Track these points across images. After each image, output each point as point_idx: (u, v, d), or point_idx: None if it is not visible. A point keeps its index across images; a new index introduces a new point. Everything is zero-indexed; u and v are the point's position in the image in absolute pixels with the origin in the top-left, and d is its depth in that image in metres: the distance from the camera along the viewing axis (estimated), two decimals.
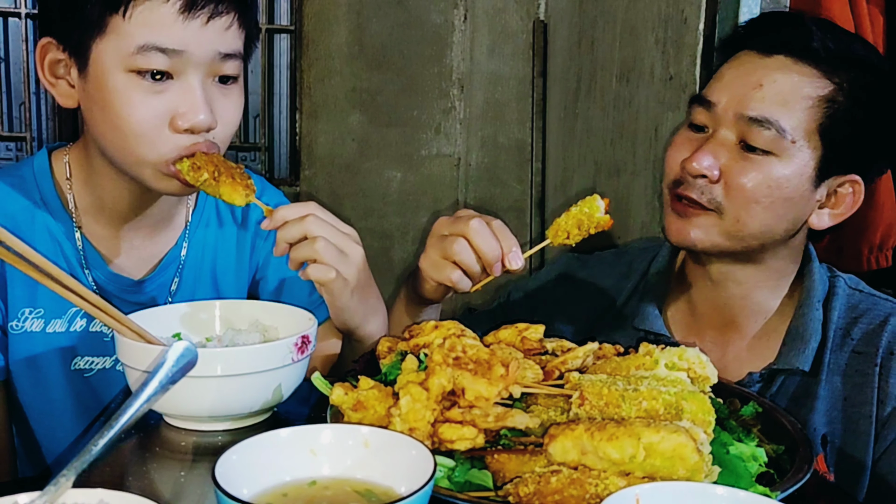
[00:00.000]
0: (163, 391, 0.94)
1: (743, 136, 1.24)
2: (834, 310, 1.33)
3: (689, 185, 1.27)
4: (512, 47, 3.28)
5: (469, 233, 1.18)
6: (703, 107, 1.29)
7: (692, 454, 0.78)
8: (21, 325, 1.30)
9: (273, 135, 3.34)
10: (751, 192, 1.23)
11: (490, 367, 0.93)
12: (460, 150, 3.35)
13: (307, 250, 1.18)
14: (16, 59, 3.09)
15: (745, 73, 1.26)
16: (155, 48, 1.14)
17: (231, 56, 1.21)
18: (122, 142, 1.19)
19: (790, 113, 1.22)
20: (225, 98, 1.23)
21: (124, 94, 1.16)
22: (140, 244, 1.38)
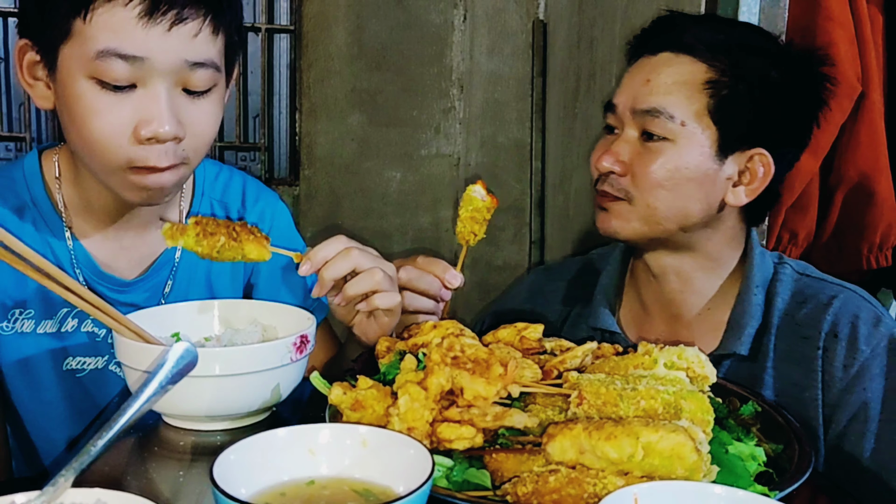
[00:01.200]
0: (162, 392, 0.94)
1: (642, 128, 1.34)
2: (777, 295, 1.37)
3: (603, 181, 1.37)
4: (511, 47, 3.28)
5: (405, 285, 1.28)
6: (609, 111, 1.40)
7: (691, 453, 0.78)
8: (11, 327, 1.29)
9: (273, 135, 3.34)
10: (654, 178, 1.31)
11: (488, 367, 0.92)
12: (460, 149, 3.35)
13: (367, 283, 1.18)
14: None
15: (636, 74, 1.37)
16: (115, 54, 1.10)
17: (201, 65, 1.15)
18: (86, 148, 1.16)
19: (675, 99, 1.31)
20: (196, 108, 1.17)
21: (85, 101, 1.12)
22: (131, 244, 1.36)
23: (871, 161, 2.04)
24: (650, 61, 1.36)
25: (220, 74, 1.20)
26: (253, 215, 1.48)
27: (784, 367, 1.33)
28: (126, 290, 1.35)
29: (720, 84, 1.30)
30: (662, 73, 1.33)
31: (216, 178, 1.48)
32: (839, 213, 2.09)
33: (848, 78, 1.97)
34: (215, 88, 1.20)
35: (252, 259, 1.15)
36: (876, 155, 2.05)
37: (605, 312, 1.47)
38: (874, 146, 2.03)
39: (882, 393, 1.26)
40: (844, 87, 1.98)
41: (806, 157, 2.02)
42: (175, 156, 1.16)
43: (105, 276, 1.33)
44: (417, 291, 1.29)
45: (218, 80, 1.20)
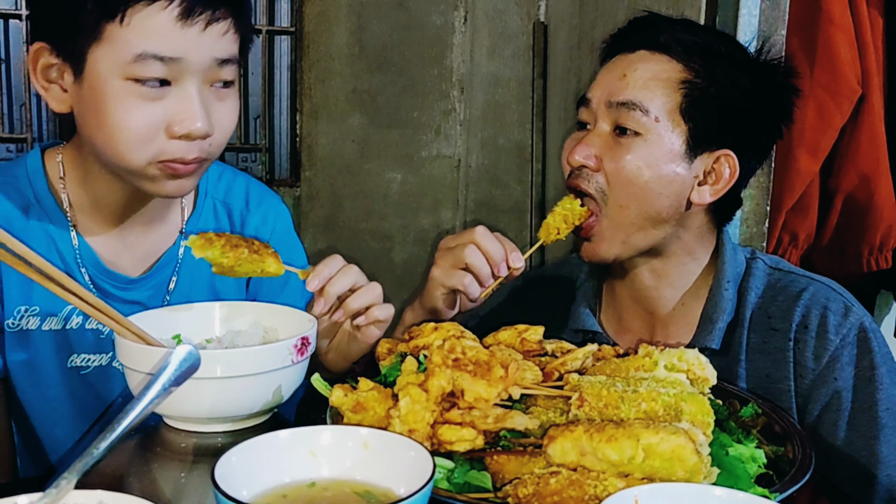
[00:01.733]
0: (165, 394, 0.94)
1: (615, 122, 1.34)
2: (750, 290, 1.38)
3: (577, 176, 1.37)
4: (512, 49, 3.28)
5: (476, 238, 1.30)
6: (583, 105, 1.41)
7: (691, 455, 0.78)
8: (17, 324, 1.30)
9: (273, 136, 3.34)
10: (625, 172, 1.32)
11: (489, 369, 0.93)
12: (460, 151, 3.35)
13: (368, 296, 1.24)
14: (16, 61, 3.09)
15: (612, 69, 1.39)
16: (153, 56, 1.13)
17: (228, 61, 1.20)
18: (114, 146, 1.18)
19: (651, 94, 1.32)
20: (221, 103, 1.22)
21: (121, 101, 1.14)
22: (135, 242, 1.37)
23: (871, 163, 2.05)
24: (627, 58, 1.38)
25: (237, 70, 1.24)
26: (256, 217, 1.49)
27: (756, 359, 1.35)
28: (130, 287, 1.36)
29: (694, 84, 1.32)
30: (639, 69, 1.34)
31: (219, 178, 1.49)
32: (839, 215, 2.09)
33: (848, 80, 1.98)
34: (234, 84, 1.25)
35: (269, 274, 1.18)
36: (876, 157, 2.05)
37: (586, 314, 1.48)
38: (874, 148, 2.04)
39: (853, 381, 1.28)
40: (844, 90, 1.98)
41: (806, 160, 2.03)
42: (201, 150, 1.20)
43: (110, 274, 1.34)
44: (481, 249, 1.30)
45: (236, 76, 1.25)
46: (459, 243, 1.32)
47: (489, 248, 1.30)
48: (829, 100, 1.98)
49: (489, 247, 1.30)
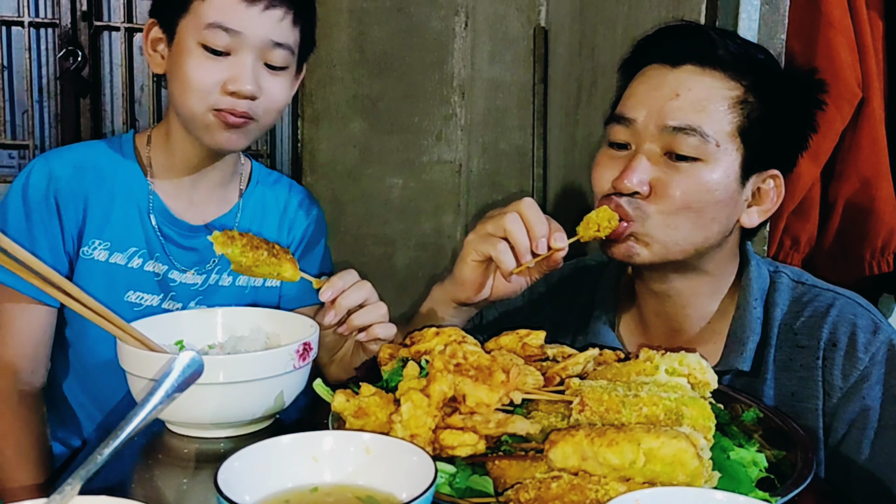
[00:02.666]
0: (169, 400, 0.95)
1: (668, 147, 1.26)
2: (776, 305, 1.34)
3: (618, 203, 1.28)
4: (513, 54, 3.29)
5: (522, 207, 1.24)
6: (621, 124, 1.31)
7: (692, 460, 0.78)
8: (90, 252, 1.51)
9: (275, 141, 3.35)
10: (682, 201, 1.25)
11: (491, 374, 0.93)
12: (461, 156, 3.36)
13: (373, 315, 1.29)
14: (19, 67, 3.10)
15: (658, 86, 1.29)
16: (220, 27, 1.39)
17: (281, 45, 1.44)
18: (184, 95, 1.43)
19: (709, 117, 1.25)
20: (271, 79, 1.46)
21: (193, 60, 1.41)
22: (200, 201, 1.60)
23: (872, 166, 2.04)
24: (673, 74, 1.29)
25: (293, 58, 1.49)
26: (295, 201, 1.72)
27: (782, 377, 1.31)
28: (190, 234, 1.57)
29: (749, 104, 1.26)
30: (693, 89, 1.26)
31: (269, 174, 1.75)
32: (840, 218, 2.09)
33: (848, 84, 1.98)
34: (287, 70, 1.49)
35: (285, 278, 1.25)
36: (877, 160, 2.05)
37: (605, 328, 1.44)
38: (875, 152, 2.03)
39: (881, 400, 1.25)
40: (845, 94, 1.98)
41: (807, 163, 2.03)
42: (249, 108, 1.43)
43: (175, 221, 1.57)
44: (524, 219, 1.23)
45: (290, 63, 1.49)
46: (504, 212, 1.25)
47: (533, 220, 1.22)
48: (830, 103, 1.97)
49: (533, 219, 1.22)
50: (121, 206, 1.53)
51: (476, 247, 1.27)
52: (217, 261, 1.60)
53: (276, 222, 1.69)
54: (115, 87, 3.18)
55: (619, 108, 1.34)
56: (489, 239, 1.25)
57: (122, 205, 1.53)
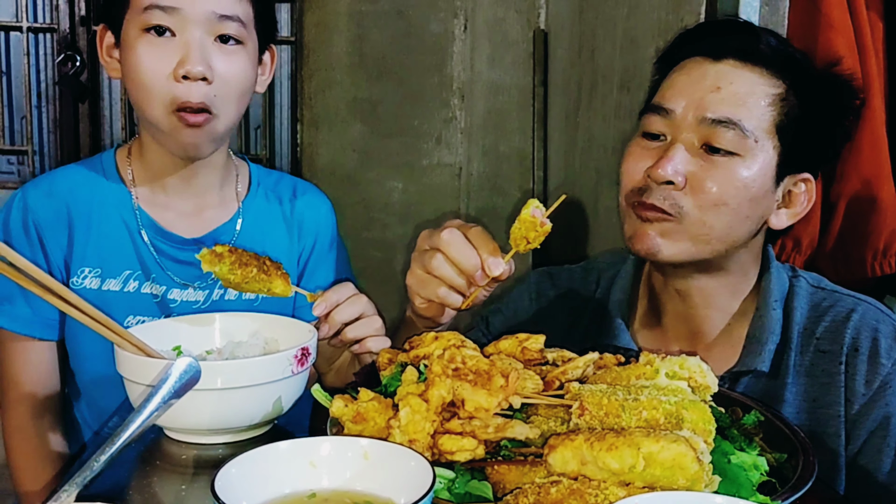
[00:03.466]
0: (166, 406, 0.94)
1: (706, 139, 1.25)
2: (796, 309, 1.34)
3: (652, 193, 1.26)
4: (512, 57, 3.29)
5: (442, 246, 1.18)
6: (658, 115, 1.30)
7: (692, 464, 0.78)
8: (80, 282, 1.44)
9: (274, 145, 3.35)
10: (718, 195, 1.24)
11: (490, 378, 0.92)
12: (461, 159, 3.36)
13: (366, 329, 1.29)
14: (17, 73, 3.11)
15: (699, 78, 1.28)
16: (155, 6, 1.33)
17: (228, 17, 1.36)
18: (139, 95, 1.37)
19: (749, 112, 1.24)
20: (225, 57, 1.37)
21: (137, 51, 1.35)
22: (191, 212, 1.52)
23: (874, 167, 2.04)
24: (715, 67, 1.27)
25: (246, 33, 1.40)
26: (302, 202, 1.64)
27: (803, 382, 1.30)
28: (187, 248, 1.49)
29: (789, 102, 1.26)
30: (735, 83, 1.25)
31: (269, 174, 1.67)
32: (842, 220, 2.08)
33: None
34: (244, 47, 1.40)
35: (276, 294, 1.24)
36: (878, 161, 2.04)
37: (621, 328, 1.42)
38: (876, 153, 2.03)
39: None
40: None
41: None
42: (206, 97, 1.35)
43: (168, 235, 1.48)
44: (450, 259, 1.17)
45: (245, 39, 1.40)
46: (430, 247, 1.20)
47: (457, 256, 1.16)
48: None
49: (458, 255, 1.16)
50: (107, 228, 1.46)
51: (417, 291, 1.24)
52: None
53: (282, 229, 1.61)
54: (114, 92, 3.19)
55: (656, 98, 1.32)
56: (426, 282, 1.21)
57: (109, 227, 1.46)
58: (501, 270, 1.16)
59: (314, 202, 1.67)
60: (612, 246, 2.50)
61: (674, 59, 1.36)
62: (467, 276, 1.17)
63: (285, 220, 1.61)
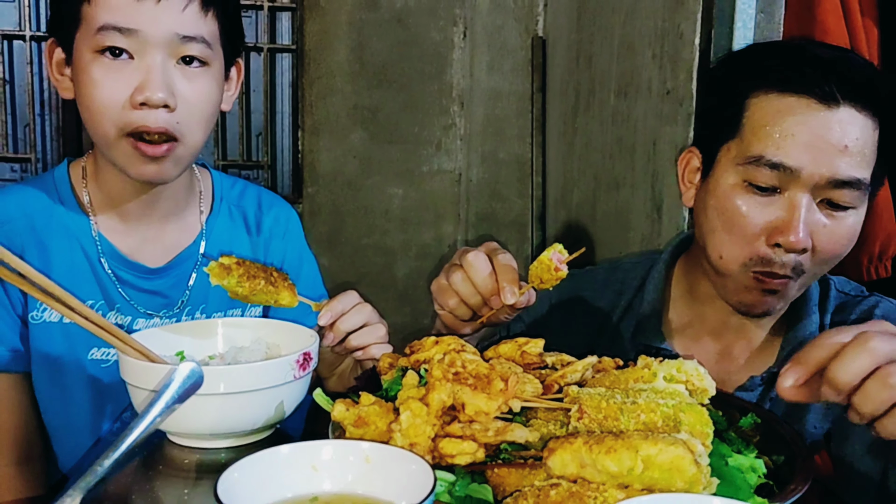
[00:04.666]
0: (169, 411, 0.95)
1: (827, 196, 1.19)
2: (827, 312, 1.36)
3: (783, 263, 1.21)
4: (511, 63, 3.31)
5: (465, 265, 1.20)
6: (775, 171, 1.19)
7: (690, 466, 0.78)
8: (40, 316, 1.35)
9: (275, 153, 3.36)
10: (839, 251, 1.22)
11: (490, 382, 0.93)
12: (461, 165, 3.37)
13: (370, 336, 1.28)
14: (20, 81, 3.12)
15: (821, 131, 1.17)
16: (112, 28, 1.22)
17: (191, 39, 1.26)
18: (91, 119, 1.27)
19: (868, 167, 1.19)
20: (189, 81, 1.27)
21: (91, 74, 1.24)
22: (153, 237, 1.43)
23: None
24: (834, 117, 1.16)
25: (212, 53, 1.30)
26: (269, 218, 1.56)
27: None
28: (151, 277, 1.42)
29: (883, 144, 1.20)
30: (859, 138, 1.16)
31: (232, 186, 1.57)
32: None
33: None
34: (209, 68, 1.30)
35: (283, 305, 1.23)
36: None
37: (653, 327, 1.43)
38: None
39: None
40: None
41: None
42: (167, 123, 1.25)
43: (129, 264, 1.40)
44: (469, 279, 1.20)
45: (210, 59, 1.30)
46: (457, 263, 1.23)
47: (476, 279, 1.19)
48: None
49: (476, 278, 1.19)
50: (64, 256, 1.35)
51: (435, 297, 1.26)
52: (186, 300, 1.44)
53: (247, 248, 1.52)
54: None
55: (769, 151, 1.19)
56: (444, 291, 1.23)
57: (66, 255, 1.35)
58: (515, 300, 1.17)
59: (280, 217, 1.58)
60: (610, 250, 2.51)
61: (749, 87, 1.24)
62: (482, 297, 1.20)
63: (251, 239, 1.53)
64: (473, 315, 1.25)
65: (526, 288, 1.20)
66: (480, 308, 1.22)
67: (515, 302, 1.17)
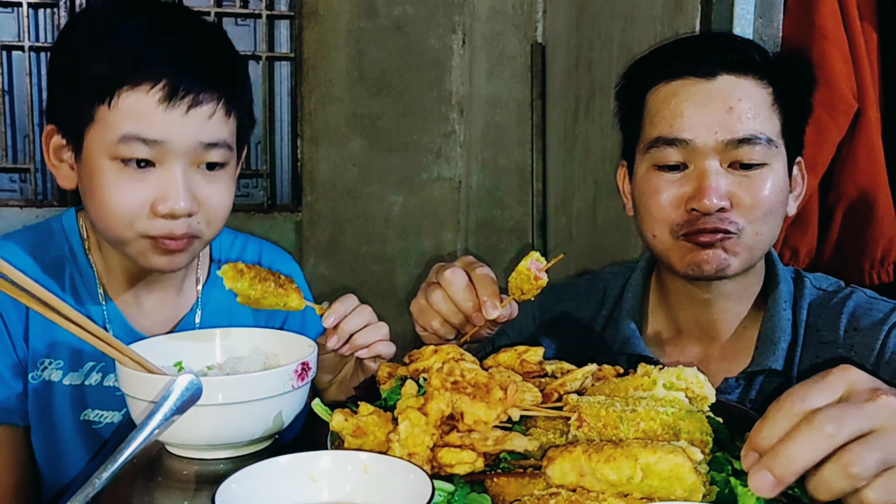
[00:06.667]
0: (168, 423, 0.95)
1: (734, 159, 1.28)
2: (802, 309, 1.38)
3: (708, 220, 1.28)
4: (510, 70, 3.31)
5: (443, 283, 1.21)
6: (674, 147, 1.30)
7: (689, 474, 0.78)
8: (39, 375, 1.33)
9: (275, 161, 3.36)
10: (767, 205, 1.28)
11: (489, 391, 0.93)
12: (461, 173, 3.37)
13: (375, 334, 1.27)
14: (19, 92, 3.13)
15: (704, 101, 1.28)
16: (137, 138, 1.18)
17: (214, 145, 1.23)
18: (104, 221, 1.23)
19: (764, 122, 1.28)
20: (210, 185, 1.25)
21: (108, 179, 1.20)
22: (154, 309, 1.42)
23: (870, 177, 2.05)
24: (713, 86, 1.29)
25: (231, 153, 1.28)
26: None
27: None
28: None
29: (778, 98, 1.31)
30: (742, 98, 1.27)
31: (231, 245, 1.54)
32: (840, 229, 2.10)
33: (844, 95, 1.99)
34: (227, 167, 1.28)
35: (291, 308, 1.22)
36: (874, 171, 2.06)
37: (634, 336, 1.44)
38: (872, 162, 2.04)
39: None
40: (840, 104, 1.99)
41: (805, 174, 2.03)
42: (189, 227, 1.23)
43: (133, 332, 1.37)
44: (449, 297, 1.20)
45: (229, 159, 1.28)
46: (434, 281, 1.23)
47: (456, 296, 1.19)
48: (826, 115, 1.99)
49: (456, 295, 1.19)
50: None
51: (416, 318, 1.27)
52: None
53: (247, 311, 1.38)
54: None
55: (663, 131, 1.31)
56: (425, 312, 1.24)
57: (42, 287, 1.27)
58: (497, 314, 1.18)
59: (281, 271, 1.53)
60: (611, 256, 2.51)
61: (646, 85, 1.36)
62: (464, 315, 1.21)
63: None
64: (457, 333, 1.26)
65: (507, 300, 1.20)
66: (464, 326, 1.23)
67: (498, 316, 1.18)
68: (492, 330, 1.27)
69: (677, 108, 1.30)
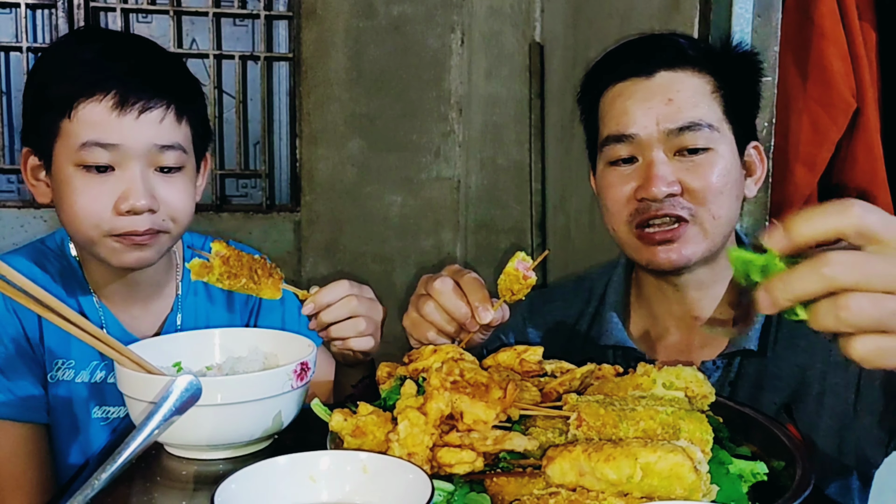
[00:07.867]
0: (167, 424, 0.95)
1: (679, 147, 1.34)
2: None
3: (659, 207, 1.33)
4: (509, 70, 3.31)
5: (434, 294, 1.22)
6: (622, 143, 1.37)
7: (689, 473, 0.78)
8: (56, 375, 1.41)
9: (273, 161, 3.36)
10: (715, 187, 1.33)
11: (488, 391, 0.93)
12: (460, 172, 3.37)
13: (349, 330, 1.31)
14: (17, 93, 3.13)
15: (645, 97, 1.36)
16: (96, 144, 1.28)
17: (169, 147, 1.33)
18: (74, 225, 1.32)
19: (703, 109, 1.34)
20: (169, 185, 1.34)
21: (74, 185, 1.30)
22: (139, 315, 1.49)
23: (869, 176, 2.05)
24: (653, 83, 1.36)
25: (187, 156, 1.37)
26: None
27: (787, 354, 1.36)
28: None
29: (720, 86, 1.37)
30: (680, 89, 1.35)
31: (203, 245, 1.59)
32: None
33: (842, 94, 1.99)
34: (185, 170, 1.37)
35: (267, 298, 1.25)
36: (873, 170, 2.06)
37: (618, 328, 1.48)
38: (871, 161, 2.04)
39: None
40: (839, 103, 1.99)
41: (803, 174, 2.04)
42: (153, 223, 1.32)
43: (127, 335, 1.44)
44: (441, 307, 1.21)
45: (186, 162, 1.37)
46: (424, 293, 1.24)
47: (448, 305, 1.20)
48: (824, 114, 1.99)
49: (448, 304, 1.20)
50: None
51: (410, 333, 1.27)
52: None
53: (223, 303, 1.57)
54: None
55: (612, 129, 1.38)
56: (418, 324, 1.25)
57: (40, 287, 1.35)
58: (490, 318, 1.19)
59: None
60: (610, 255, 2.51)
61: (596, 90, 1.44)
62: (458, 323, 1.21)
63: (225, 300, 1.58)
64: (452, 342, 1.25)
65: (498, 303, 1.21)
66: (458, 334, 1.24)
67: (491, 319, 1.18)
68: (484, 335, 1.28)
69: (622, 106, 1.37)
